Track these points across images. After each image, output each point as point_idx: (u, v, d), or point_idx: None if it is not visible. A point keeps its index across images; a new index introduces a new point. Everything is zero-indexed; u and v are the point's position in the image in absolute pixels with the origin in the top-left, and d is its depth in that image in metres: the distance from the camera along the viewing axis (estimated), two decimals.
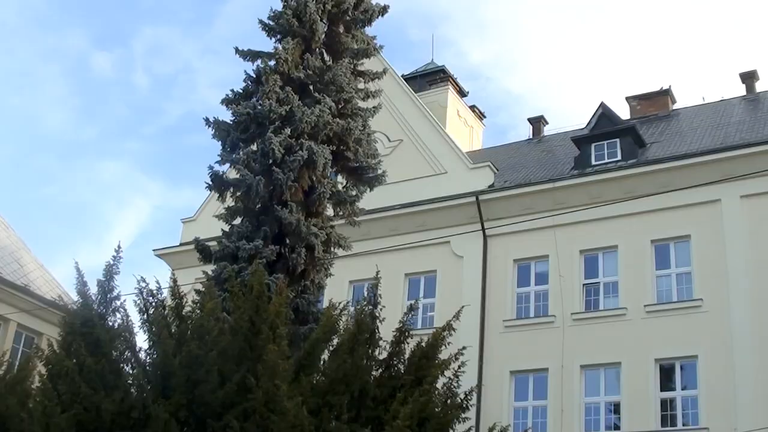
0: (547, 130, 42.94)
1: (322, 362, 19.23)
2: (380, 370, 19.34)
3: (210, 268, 23.11)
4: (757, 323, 27.22)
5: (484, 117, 48.06)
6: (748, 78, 38.90)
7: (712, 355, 27.47)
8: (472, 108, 46.98)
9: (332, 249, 24.54)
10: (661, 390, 28.01)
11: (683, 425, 27.40)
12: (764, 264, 27.91)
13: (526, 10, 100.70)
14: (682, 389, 27.92)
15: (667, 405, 27.82)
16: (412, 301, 21.92)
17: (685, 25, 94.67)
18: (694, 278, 28.97)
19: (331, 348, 19.35)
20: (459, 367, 19.58)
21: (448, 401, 19.21)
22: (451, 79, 45.43)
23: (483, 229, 32.14)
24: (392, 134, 36.41)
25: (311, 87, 25.39)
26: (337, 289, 29.83)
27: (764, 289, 27.53)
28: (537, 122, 43.37)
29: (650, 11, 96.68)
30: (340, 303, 20.53)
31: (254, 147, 24.19)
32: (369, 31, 27.23)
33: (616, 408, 28.49)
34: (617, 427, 28.24)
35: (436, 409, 18.68)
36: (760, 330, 27.08)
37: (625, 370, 28.39)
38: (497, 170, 34.15)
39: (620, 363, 28.52)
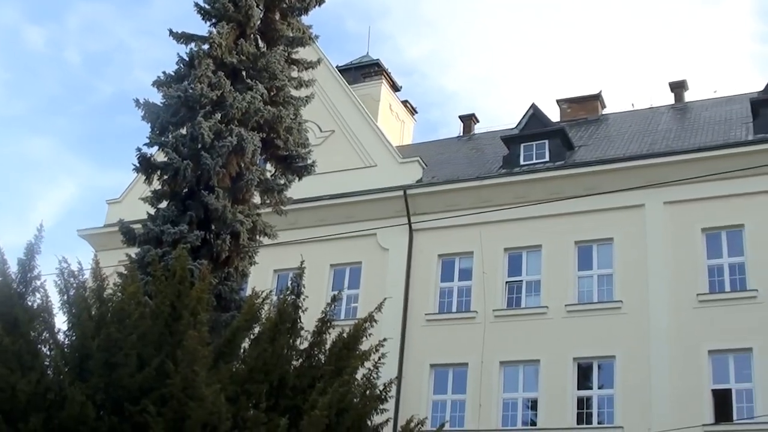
0: (478, 129, 43.36)
1: (242, 350, 19.17)
2: (301, 360, 19.33)
3: (133, 251, 22.90)
4: (674, 327, 27.84)
5: (416, 112, 48.25)
6: (678, 87, 39.70)
7: (629, 356, 28.05)
8: (405, 103, 47.12)
9: (258, 237, 24.41)
10: (579, 388, 28.54)
11: (599, 423, 27.94)
12: (683, 269, 28.56)
13: (464, 10, 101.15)
14: (599, 388, 28.46)
15: (583, 403, 28.31)
16: (336, 292, 21.97)
17: (618, 32, 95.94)
18: (615, 280, 29.51)
19: (252, 336, 19.30)
20: (379, 358, 19.65)
21: (367, 392, 19.28)
22: (385, 73, 45.49)
23: (409, 223, 32.37)
24: (324, 124, 36.42)
25: (244, 73, 25.21)
26: (261, 277, 29.79)
27: (682, 294, 28.19)
28: (468, 120, 43.71)
29: (585, 17, 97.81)
30: (263, 291, 20.48)
31: (184, 131, 23.91)
32: (305, 20, 27.05)
33: (533, 404, 28.94)
34: (534, 423, 28.67)
35: (355, 400, 18.75)
36: (677, 333, 27.71)
37: (544, 367, 28.82)
38: (426, 165, 34.34)
39: (539, 360, 28.96)
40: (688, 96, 39.55)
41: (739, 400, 26.77)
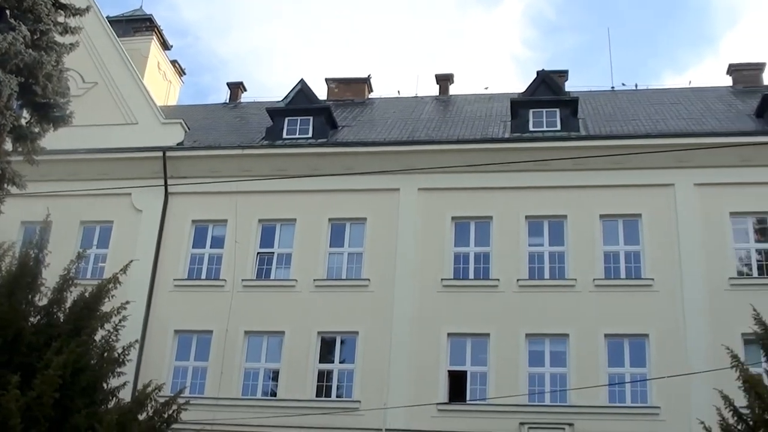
0: (245, 98, 43.19)
1: None
2: (39, 317, 18.91)
3: None
4: (417, 308, 28.86)
5: (184, 74, 47.35)
6: (444, 80, 41.02)
7: (372, 333, 28.80)
8: (174, 63, 46.18)
9: (5, 185, 23.55)
10: (321, 362, 29.02)
11: (337, 397, 28.57)
12: (431, 254, 29.61)
13: None
14: (341, 363, 29.06)
15: (324, 376, 28.85)
16: (81, 250, 21.51)
17: (393, 20, 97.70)
18: (364, 259, 30.16)
19: None
20: (120, 321, 19.47)
21: (105, 354, 19.08)
22: (156, 30, 44.39)
23: (166, 186, 31.80)
24: (87, 75, 35.18)
25: (8, 12, 24.18)
26: (7, 228, 28.51)
27: (427, 277, 29.25)
28: (236, 88, 43.47)
29: (362, 2, 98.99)
30: (5, 243, 19.83)
31: None
32: None
33: (275, 375, 29.17)
34: (274, 394, 28.93)
35: (92, 362, 18.52)
36: (419, 315, 28.74)
37: (288, 339, 29.14)
38: (189, 129, 33.80)
39: (284, 332, 29.26)
40: (453, 90, 40.92)
41: (473, 382, 28.08)
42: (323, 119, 33.53)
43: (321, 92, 38.90)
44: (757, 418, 17.24)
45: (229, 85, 43.67)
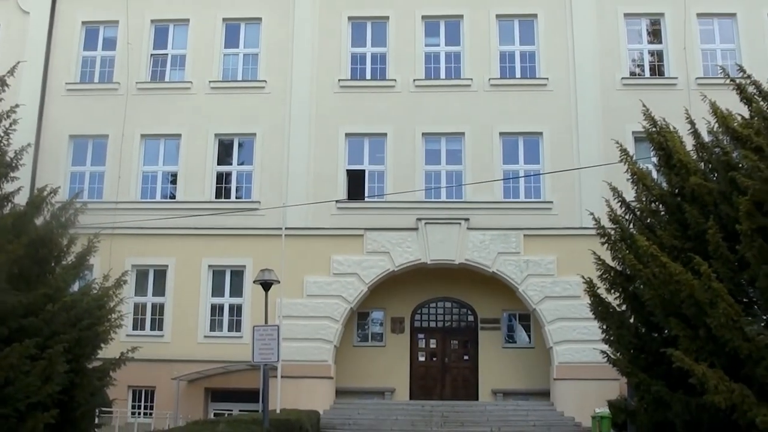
0: None
1: None
2: None
3: None
4: (314, 107, 29.16)
5: None
6: None
7: (270, 135, 28.93)
8: None
9: None
10: (219, 164, 29.13)
11: (237, 198, 28.90)
12: (328, 53, 29.82)
13: None
14: (239, 164, 29.20)
15: (222, 178, 28.99)
16: None
17: None
18: (260, 60, 29.89)
19: None
20: (11, 124, 19.02)
21: None
22: None
23: None
24: None
25: None
26: None
27: (325, 77, 29.49)
28: None
29: None
30: None
31: None
32: None
33: (173, 178, 29.20)
34: (173, 196, 29.03)
35: None
36: (317, 114, 29.09)
37: (185, 142, 29.07)
38: None
39: (181, 135, 29.12)
40: None
41: (372, 180, 28.75)
42: None
43: None
44: (644, 207, 17.83)
45: None
